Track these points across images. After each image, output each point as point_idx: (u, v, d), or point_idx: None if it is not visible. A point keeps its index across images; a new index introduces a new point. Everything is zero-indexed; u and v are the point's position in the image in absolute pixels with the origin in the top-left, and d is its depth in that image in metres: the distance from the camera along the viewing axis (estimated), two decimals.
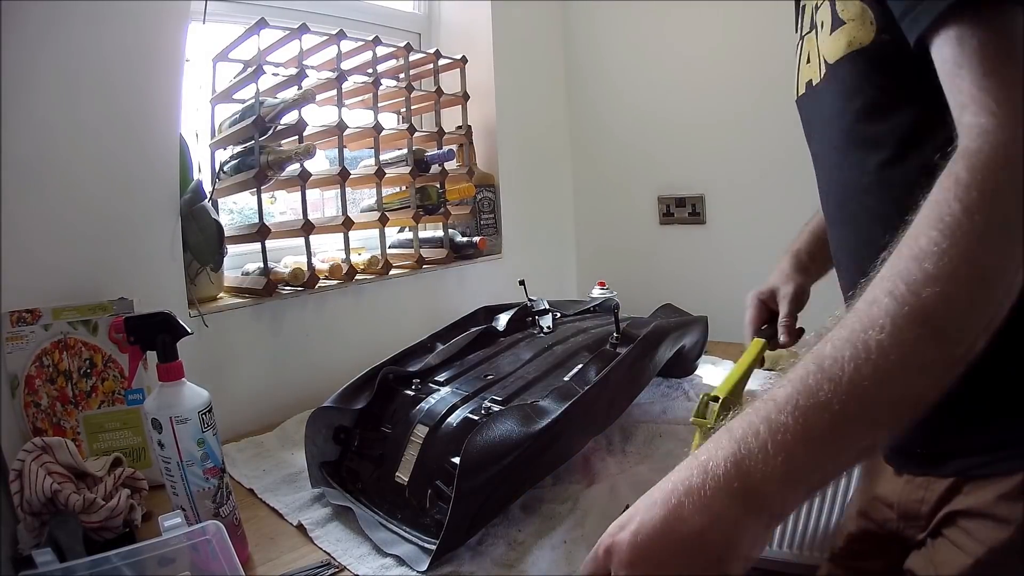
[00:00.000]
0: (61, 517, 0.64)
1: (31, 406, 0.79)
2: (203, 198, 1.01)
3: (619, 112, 1.73)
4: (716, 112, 1.59)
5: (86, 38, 0.84)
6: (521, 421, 0.70)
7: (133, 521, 0.69)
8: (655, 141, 1.68)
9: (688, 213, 1.67)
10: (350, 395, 0.85)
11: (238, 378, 1.05)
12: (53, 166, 0.83)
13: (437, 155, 1.33)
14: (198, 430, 0.63)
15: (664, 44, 1.64)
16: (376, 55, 1.26)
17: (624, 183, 1.75)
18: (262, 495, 0.81)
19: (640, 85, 1.68)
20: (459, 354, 0.98)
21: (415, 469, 0.73)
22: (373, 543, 0.68)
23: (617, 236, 1.80)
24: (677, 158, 1.66)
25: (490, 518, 0.70)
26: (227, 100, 1.20)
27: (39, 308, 0.80)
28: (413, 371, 0.90)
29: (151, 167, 0.93)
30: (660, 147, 1.68)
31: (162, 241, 0.95)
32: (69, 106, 0.84)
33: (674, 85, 1.63)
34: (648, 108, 1.68)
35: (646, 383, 0.94)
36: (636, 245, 1.76)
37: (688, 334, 1.06)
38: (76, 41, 0.83)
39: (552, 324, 1.06)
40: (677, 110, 1.64)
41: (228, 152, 1.17)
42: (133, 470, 0.75)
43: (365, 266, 1.30)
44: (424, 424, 0.77)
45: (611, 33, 1.71)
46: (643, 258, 1.75)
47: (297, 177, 1.11)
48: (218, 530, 0.57)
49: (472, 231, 1.54)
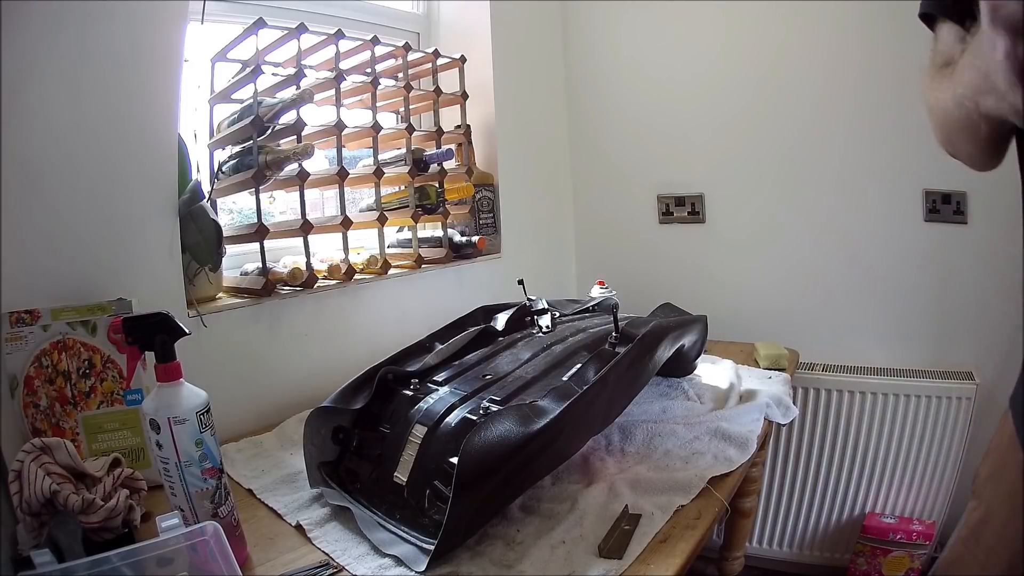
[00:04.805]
0: (60, 517, 0.64)
1: (30, 406, 0.79)
2: (202, 198, 1.01)
3: (618, 111, 1.73)
4: (716, 112, 1.59)
5: (86, 38, 0.84)
6: (520, 421, 0.70)
7: (132, 521, 0.69)
8: (654, 140, 1.68)
9: (687, 212, 1.67)
10: (349, 395, 0.85)
11: (236, 378, 1.05)
12: (52, 166, 0.83)
13: (436, 154, 1.33)
14: (196, 430, 0.63)
15: (663, 44, 1.64)
16: (375, 55, 1.25)
17: (623, 182, 1.75)
18: (261, 495, 0.81)
19: (639, 84, 1.68)
20: (458, 354, 0.98)
21: (414, 469, 0.73)
22: (372, 543, 0.68)
23: (616, 235, 1.80)
24: (677, 157, 1.66)
25: (489, 518, 0.70)
26: (226, 100, 1.20)
27: (38, 308, 0.79)
28: (412, 371, 0.90)
29: (150, 167, 0.93)
30: (660, 146, 1.68)
31: (161, 241, 0.95)
32: (69, 106, 0.84)
33: (674, 84, 1.63)
34: (647, 107, 1.68)
35: (645, 383, 0.94)
36: (635, 244, 1.76)
37: (688, 333, 1.06)
38: (76, 41, 0.83)
39: (551, 324, 1.06)
40: (676, 109, 1.64)
41: (227, 152, 1.17)
42: (132, 470, 0.75)
43: (364, 266, 1.30)
44: (423, 424, 0.77)
45: (610, 32, 1.71)
46: (642, 257, 1.75)
47: (296, 177, 1.11)
48: (216, 530, 0.57)
49: (471, 231, 1.54)
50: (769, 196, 1.57)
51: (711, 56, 1.57)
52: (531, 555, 0.66)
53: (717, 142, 1.60)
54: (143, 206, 0.93)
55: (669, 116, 1.65)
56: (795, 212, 1.55)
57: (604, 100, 1.75)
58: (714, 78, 1.58)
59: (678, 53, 1.62)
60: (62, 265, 0.85)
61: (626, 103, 1.71)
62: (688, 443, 0.92)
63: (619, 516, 0.73)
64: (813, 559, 1.58)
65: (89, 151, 0.86)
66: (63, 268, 0.85)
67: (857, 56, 1.41)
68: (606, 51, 1.72)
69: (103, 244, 0.89)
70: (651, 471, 0.84)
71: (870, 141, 1.43)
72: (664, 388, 1.12)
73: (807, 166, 1.52)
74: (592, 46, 1.74)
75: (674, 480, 0.81)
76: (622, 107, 1.72)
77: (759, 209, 1.59)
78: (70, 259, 0.86)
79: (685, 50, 1.61)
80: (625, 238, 1.78)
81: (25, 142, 0.80)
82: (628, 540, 0.68)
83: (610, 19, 1.70)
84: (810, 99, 1.48)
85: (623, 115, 1.72)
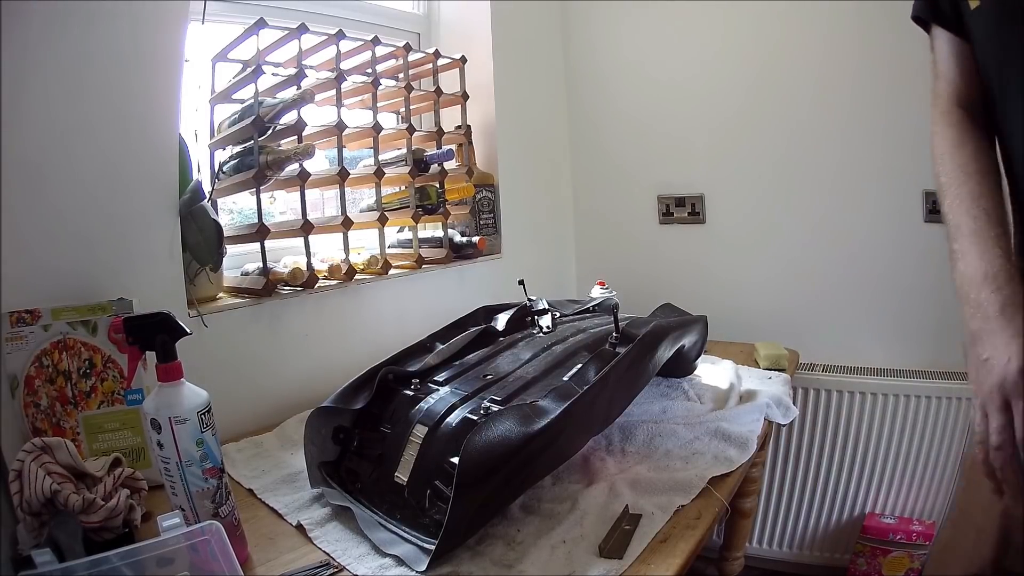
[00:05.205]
0: (61, 517, 0.64)
1: (31, 406, 0.79)
2: (202, 198, 1.01)
3: (618, 111, 1.73)
4: (716, 112, 1.59)
5: (86, 38, 0.84)
6: (520, 421, 0.70)
7: (132, 521, 0.69)
8: (655, 141, 1.68)
9: (688, 213, 1.67)
10: (349, 395, 0.84)
11: (237, 378, 1.05)
12: (53, 166, 0.83)
13: (436, 155, 1.33)
14: (197, 430, 0.63)
15: (664, 44, 1.64)
16: (375, 55, 1.26)
17: (623, 182, 1.75)
18: (261, 495, 0.81)
19: (639, 84, 1.68)
20: (458, 354, 0.98)
21: (414, 469, 0.73)
22: (372, 543, 0.68)
23: (617, 236, 1.80)
24: (677, 158, 1.66)
25: (489, 518, 0.70)
26: (226, 100, 1.20)
27: (39, 308, 0.79)
28: (412, 371, 0.90)
29: (150, 167, 0.93)
30: (660, 147, 1.68)
31: (161, 241, 0.95)
32: (69, 106, 0.84)
33: (674, 85, 1.63)
34: (648, 108, 1.68)
35: (646, 383, 0.94)
36: (636, 244, 1.76)
37: (688, 334, 1.06)
38: (76, 41, 0.83)
39: (551, 324, 1.06)
40: (677, 110, 1.64)
41: (227, 152, 1.17)
42: (132, 470, 0.75)
43: (364, 266, 1.30)
44: (423, 424, 0.77)
45: (610, 33, 1.71)
46: (643, 258, 1.75)
47: (296, 177, 1.11)
48: (217, 530, 0.57)
49: (471, 231, 1.54)
50: (769, 197, 1.57)
51: (711, 56, 1.57)
52: (531, 555, 0.66)
53: (717, 143, 1.60)
54: (144, 206, 0.93)
55: (669, 116, 1.65)
56: (795, 213, 1.55)
57: (604, 100, 1.75)
58: (714, 78, 1.58)
59: (678, 53, 1.62)
60: (63, 265, 0.85)
61: (626, 103, 1.71)
62: (688, 443, 0.92)
63: (619, 516, 0.73)
64: (813, 559, 1.58)
65: (90, 151, 0.86)
66: (64, 268, 0.85)
67: (856, 56, 1.41)
68: (606, 51, 1.73)
69: (104, 244, 0.89)
70: (651, 471, 0.85)
71: (870, 142, 1.43)
72: (664, 388, 1.12)
73: (807, 167, 1.52)
74: (592, 46, 1.74)
75: (674, 480, 0.81)
76: (622, 107, 1.72)
77: (759, 210, 1.59)
78: (71, 259, 0.86)
79: (685, 50, 1.61)
80: (625, 238, 1.78)
81: (26, 142, 0.80)
82: (628, 540, 0.68)
83: (610, 19, 1.70)
84: (810, 99, 1.49)
85: (623, 115, 1.72)
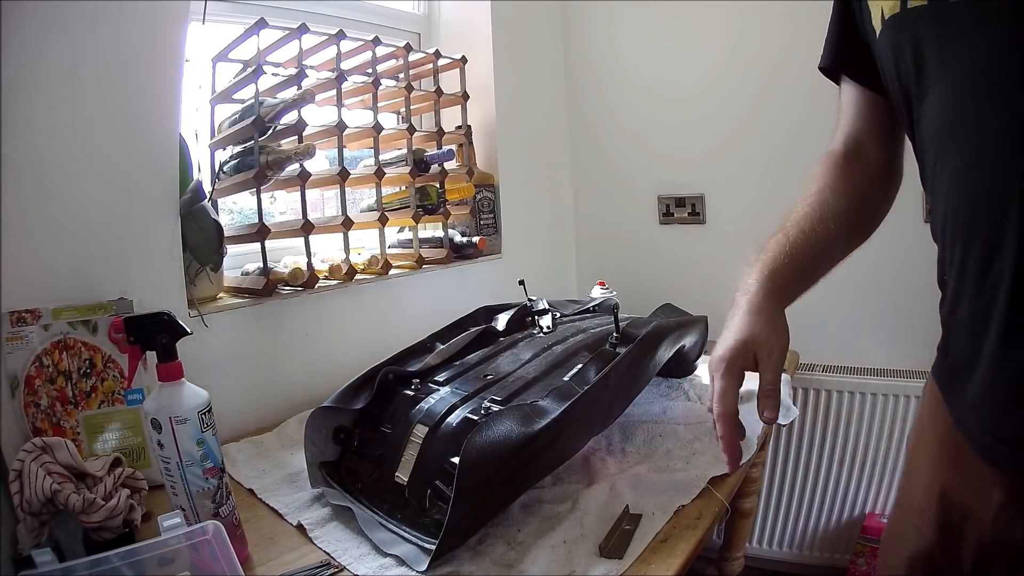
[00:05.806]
0: (61, 517, 0.64)
1: (31, 406, 0.79)
2: (203, 198, 1.01)
3: (619, 111, 1.73)
4: (716, 112, 1.59)
5: (86, 38, 0.84)
6: (521, 421, 0.70)
7: (133, 521, 0.69)
8: (655, 141, 1.68)
9: (688, 213, 1.67)
10: (350, 395, 0.84)
11: (237, 378, 1.05)
12: (53, 166, 0.83)
13: (437, 155, 1.33)
14: (197, 430, 0.63)
15: (664, 44, 1.64)
16: (376, 55, 1.26)
17: (624, 183, 1.75)
18: (262, 495, 0.81)
19: (640, 84, 1.68)
20: (459, 354, 0.98)
21: (415, 469, 0.73)
22: (373, 543, 0.68)
23: (617, 236, 1.80)
24: (677, 158, 1.66)
25: (490, 518, 0.70)
26: (227, 100, 1.20)
27: (39, 308, 0.80)
28: (413, 371, 0.90)
29: (151, 167, 0.93)
30: (660, 147, 1.68)
31: (162, 241, 0.95)
32: (69, 106, 0.83)
33: (674, 85, 1.63)
34: (648, 108, 1.68)
35: (646, 383, 0.94)
36: (636, 245, 1.76)
37: (688, 334, 1.06)
38: (76, 41, 0.83)
39: (552, 324, 1.06)
40: (677, 110, 1.64)
41: (228, 152, 1.17)
42: (133, 470, 0.75)
43: (365, 266, 1.30)
44: (424, 424, 0.77)
45: (611, 33, 1.71)
46: (643, 258, 1.75)
47: (297, 177, 1.11)
48: (217, 530, 0.57)
49: (472, 231, 1.54)
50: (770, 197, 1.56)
51: (711, 56, 1.57)
52: (532, 555, 0.66)
53: (717, 143, 1.60)
54: (144, 206, 0.93)
55: (669, 117, 1.65)
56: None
57: (604, 101, 1.75)
58: (715, 79, 1.58)
59: (678, 53, 1.62)
60: (63, 264, 0.85)
61: (626, 104, 1.71)
62: (688, 443, 0.92)
63: (620, 516, 0.73)
64: (813, 559, 1.58)
65: (90, 151, 0.86)
66: (64, 267, 0.85)
67: None
68: (606, 51, 1.72)
69: (104, 244, 0.89)
70: (652, 471, 0.84)
71: None
72: (664, 388, 1.12)
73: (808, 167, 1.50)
74: (592, 46, 1.74)
75: (674, 480, 0.81)
76: (622, 108, 1.72)
77: (760, 210, 1.58)
78: (71, 258, 0.86)
79: (685, 50, 1.61)
80: (625, 239, 1.78)
81: (26, 142, 0.80)
82: (629, 540, 0.68)
83: (610, 19, 1.70)
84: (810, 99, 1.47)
85: (623, 116, 1.72)
